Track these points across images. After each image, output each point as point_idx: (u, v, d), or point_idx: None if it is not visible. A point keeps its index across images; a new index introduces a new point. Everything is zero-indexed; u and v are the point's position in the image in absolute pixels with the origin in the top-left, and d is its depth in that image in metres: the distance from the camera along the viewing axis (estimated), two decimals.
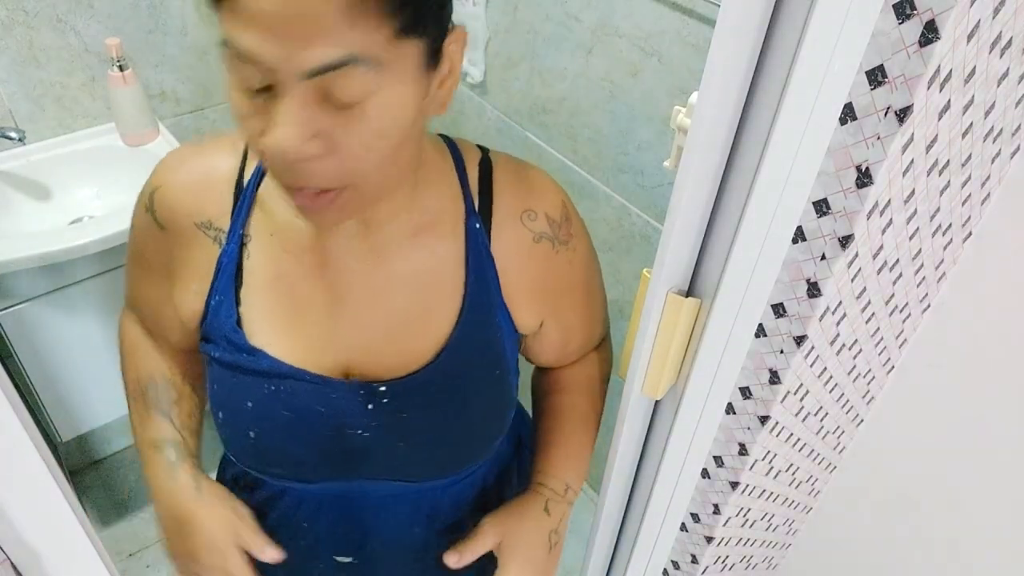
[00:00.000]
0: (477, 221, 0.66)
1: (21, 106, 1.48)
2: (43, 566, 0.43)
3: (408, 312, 0.66)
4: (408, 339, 0.67)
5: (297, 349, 0.66)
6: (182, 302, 0.68)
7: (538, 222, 0.68)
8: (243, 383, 0.66)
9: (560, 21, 1.32)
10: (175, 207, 0.66)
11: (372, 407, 0.66)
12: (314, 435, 0.67)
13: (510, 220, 0.67)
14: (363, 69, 0.47)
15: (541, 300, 0.71)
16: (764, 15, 0.50)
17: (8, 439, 0.38)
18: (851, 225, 0.61)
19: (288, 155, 0.49)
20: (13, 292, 1.36)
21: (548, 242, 0.69)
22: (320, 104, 0.48)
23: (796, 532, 1.20)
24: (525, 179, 0.69)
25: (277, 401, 0.66)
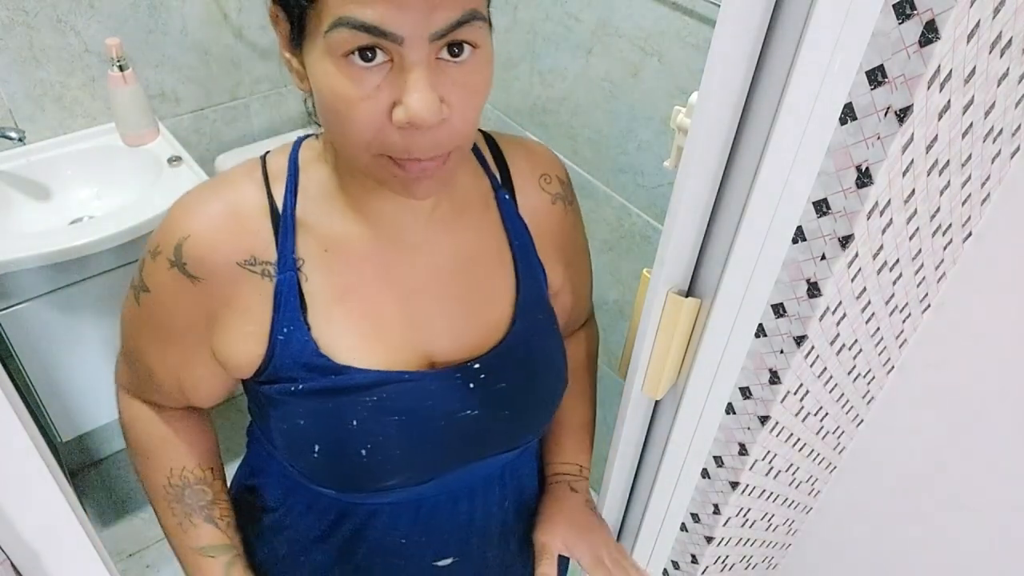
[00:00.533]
0: (505, 193, 0.71)
1: (21, 106, 1.48)
2: (43, 566, 0.43)
3: (471, 292, 0.69)
4: (481, 315, 0.70)
5: (381, 355, 0.65)
6: (235, 351, 0.65)
7: (553, 184, 0.74)
8: (342, 405, 0.64)
9: (560, 21, 1.32)
10: (210, 253, 0.61)
11: (473, 386, 0.68)
12: (429, 431, 0.67)
13: (529, 186, 0.73)
14: (478, 24, 0.51)
15: (563, 258, 0.76)
16: (764, 15, 0.50)
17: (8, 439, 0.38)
18: (851, 225, 0.61)
19: (427, 121, 0.50)
20: (13, 292, 1.36)
21: (562, 202, 0.75)
22: (437, 68, 0.51)
23: (796, 532, 1.20)
24: (531, 148, 0.75)
25: (382, 412, 0.64)
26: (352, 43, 0.49)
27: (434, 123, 0.51)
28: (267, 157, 0.66)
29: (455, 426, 0.68)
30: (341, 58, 0.50)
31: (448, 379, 0.67)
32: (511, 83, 1.50)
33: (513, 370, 0.70)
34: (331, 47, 0.50)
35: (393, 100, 0.51)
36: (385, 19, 0.47)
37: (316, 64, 0.52)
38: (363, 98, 0.51)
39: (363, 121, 0.52)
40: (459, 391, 0.67)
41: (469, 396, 0.68)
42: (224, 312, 0.63)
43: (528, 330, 0.71)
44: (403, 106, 0.50)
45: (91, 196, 1.55)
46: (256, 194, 0.63)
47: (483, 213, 0.70)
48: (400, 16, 0.47)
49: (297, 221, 0.63)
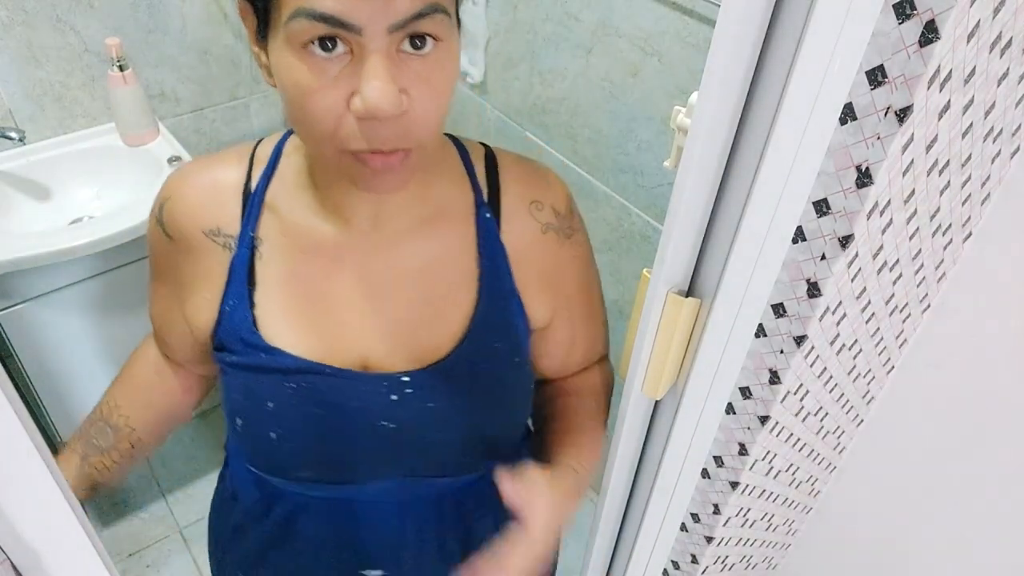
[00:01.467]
0: (487, 211, 0.68)
1: (21, 106, 1.49)
2: (43, 566, 0.43)
3: (424, 303, 0.67)
4: (425, 329, 0.67)
5: (315, 345, 0.66)
6: (194, 312, 0.69)
7: (545, 212, 0.70)
8: (263, 384, 0.66)
9: (560, 21, 1.32)
10: (183, 217, 0.67)
11: (396, 398, 0.66)
12: (340, 430, 0.67)
13: (518, 210, 0.69)
14: (439, 16, 0.51)
15: (551, 291, 0.72)
16: (764, 15, 0.50)
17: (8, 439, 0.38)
18: (851, 225, 0.61)
19: (386, 111, 0.50)
20: (13, 292, 1.36)
21: (555, 233, 0.71)
22: (398, 59, 0.51)
23: (796, 532, 1.20)
24: (531, 171, 0.71)
25: (299, 399, 0.66)
26: (311, 33, 0.49)
27: (393, 113, 0.50)
28: (261, 142, 0.69)
29: (371, 433, 0.67)
30: (301, 48, 0.50)
31: (372, 384, 0.66)
32: (511, 83, 1.50)
33: (446, 393, 0.67)
34: (291, 37, 0.50)
35: (352, 90, 0.51)
36: (343, 9, 0.47)
37: (278, 56, 0.52)
38: (323, 88, 0.51)
39: (323, 111, 0.52)
40: (380, 400, 0.66)
41: (390, 407, 0.66)
42: (191, 274, 0.68)
43: (477, 355, 0.68)
44: (361, 96, 0.50)
45: (91, 196, 1.55)
46: (237, 172, 0.67)
47: (457, 227, 0.67)
48: (358, 6, 0.47)
49: (265, 203, 0.66)
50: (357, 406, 0.66)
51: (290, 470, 0.70)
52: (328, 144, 0.55)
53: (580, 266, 0.75)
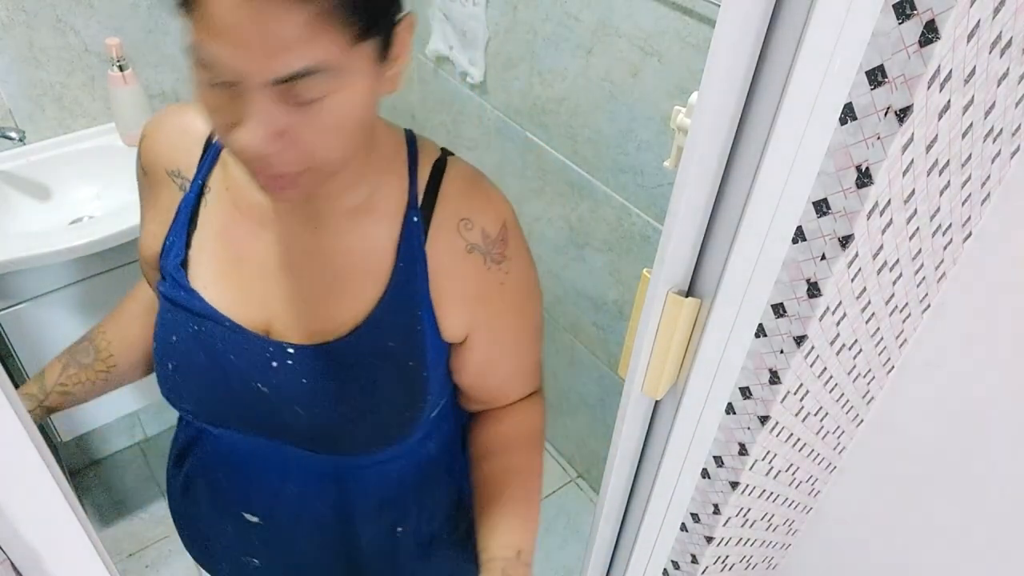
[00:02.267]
0: (416, 215, 0.68)
1: (21, 106, 1.49)
2: (43, 566, 0.43)
3: (332, 284, 0.69)
4: (328, 310, 0.70)
5: (227, 298, 0.71)
6: (149, 241, 0.76)
7: (473, 233, 0.69)
8: (175, 318, 0.72)
9: (560, 21, 1.32)
10: (153, 155, 0.73)
11: (276, 365, 0.69)
12: (220, 380, 0.71)
13: (447, 223, 0.69)
14: (324, 76, 0.51)
15: (468, 310, 0.72)
16: (764, 15, 0.50)
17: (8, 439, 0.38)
18: (851, 225, 0.61)
19: (254, 153, 0.53)
20: (13, 292, 1.37)
21: (480, 256, 0.70)
22: (283, 104, 0.52)
23: (796, 532, 1.20)
24: (473, 188, 0.70)
25: (196, 341, 0.71)
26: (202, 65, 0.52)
27: (261, 155, 0.53)
28: None
29: (248, 393, 0.71)
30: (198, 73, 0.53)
31: (259, 346, 0.70)
32: (511, 83, 1.50)
33: (323, 374, 0.69)
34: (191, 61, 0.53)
35: (231, 120, 0.53)
36: (225, 57, 0.49)
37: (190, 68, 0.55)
38: (214, 112, 0.54)
39: (215, 129, 0.56)
40: (262, 363, 0.70)
41: (268, 372, 0.70)
42: (154, 207, 0.75)
43: (364, 348, 0.69)
44: (233, 133, 0.53)
45: (91, 196, 1.55)
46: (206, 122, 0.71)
47: (383, 223, 0.69)
48: (239, 57, 0.49)
49: (220, 156, 0.71)
50: (241, 363, 0.70)
51: (179, 400, 0.74)
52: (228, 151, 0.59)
53: (507, 294, 0.73)
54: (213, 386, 0.72)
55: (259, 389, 0.70)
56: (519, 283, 0.74)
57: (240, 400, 0.72)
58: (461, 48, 1.57)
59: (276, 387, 0.70)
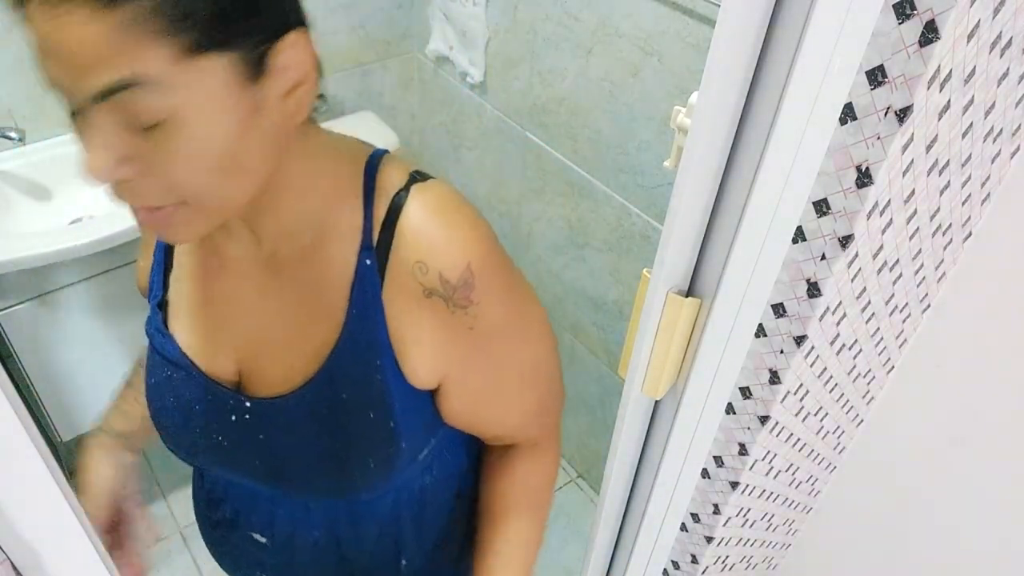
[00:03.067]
0: (369, 258, 0.61)
1: (21, 106, 1.49)
2: (43, 566, 0.43)
3: (288, 332, 0.65)
4: (286, 359, 0.66)
5: (199, 344, 0.68)
6: (140, 276, 0.75)
7: (429, 277, 0.61)
8: (153, 361, 0.71)
9: (560, 21, 1.32)
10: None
11: (235, 419, 0.67)
12: (188, 428, 0.70)
13: (403, 267, 0.61)
14: (145, 91, 0.45)
15: (435, 356, 0.65)
16: (764, 15, 0.50)
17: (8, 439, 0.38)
18: (851, 225, 0.61)
19: (97, 180, 0.48)
20: (13, 292, 1.37)
21: (441, 301, 0.62)
22: (125, 127, 0.47)
23: (796, 532, 1.20)
24: (431, 226, 0.61)
25: (168, 385, 0.70)
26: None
27: (103, 183, 0.49)
28: None
29: (212, 441, 0.69)
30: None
31: (221, 398, 0.67)
32: (511, 83, 1.50)
33: (278, 430, 0.66)
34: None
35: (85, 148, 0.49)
36: (50, 72, 0.45)
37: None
38: (77, 138, 0.50)
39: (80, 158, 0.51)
40: (222, 416, 0.67)
41: (227, 426, 0.67)
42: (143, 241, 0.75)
43: (317, 402, 0.65)
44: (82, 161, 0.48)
45: (91, 196, 1.55)
46: None
47: (335, 267, 0.62)
48: (58, 72, 0.45)
49: None
50: (203, 413, 0.68)
51: (164, 439, 0.74)
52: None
53: (480, 339, 0.64)
54: (181, 432, 0.71)
55: (219, 441, 0.69)
56: (494, 328, 0.65)
57: (206, 447, 0.70)
58: (461, 48, 1.57)
59: (234, 441, 0.68)
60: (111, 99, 0.45)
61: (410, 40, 1.73)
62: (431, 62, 1.70)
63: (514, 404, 0.74)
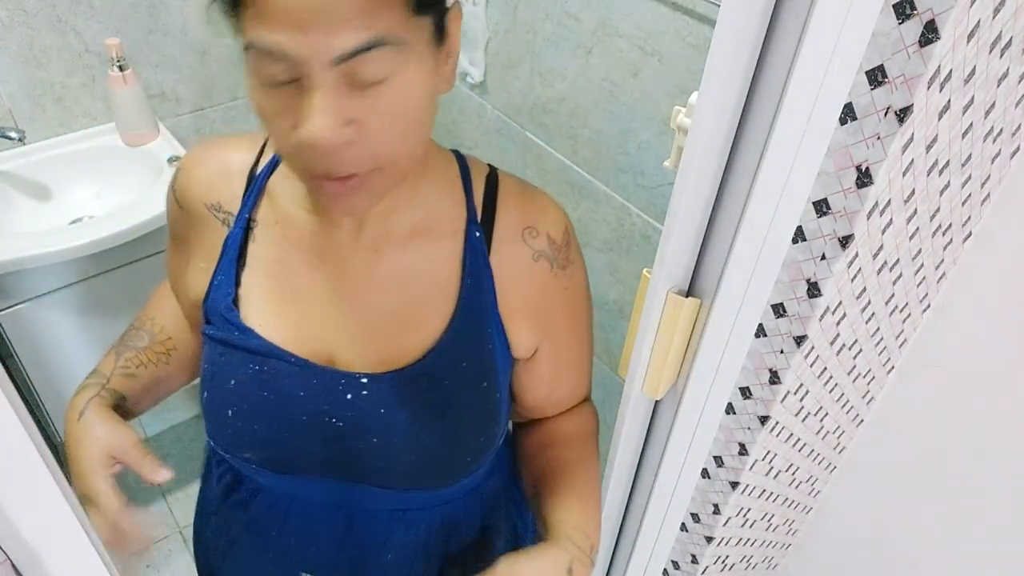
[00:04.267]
0: (478, 230, 0.67)
1: (21, 106, 1.49)
2: (43, 566, 0.43)
3: (399, 310, 0.67)
4: (396, 336, 0.67)
5: (287, 334, 0.68)
6: (192, 279, 0.73)
7: (539, 240, 0.68)
8: (231, 360, 0.68)
9: (560, 21, 1.32)
10: (191, 189, 0.71)
11: (351, 397, 0.66)
12: (290, 418, 0.68)
13: (511, 234, 0.68)
14: (388, 49, 0.50)
15: (537, 321, 0.71)
16: (764, 15, 0.50)
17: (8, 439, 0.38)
18: (851, 225, 0.61)
19: (326, 143, 0.51)
20: (13, 292, 1.36)
21: (547, 262, 0.69)
22: (348, 90, 0.51)
23: (796, 532, 1.20)
24: (531, 197, 0.70)
25: (259, 381, 0.67)
26: (262, 64, 0.50)
27: (331, 146, 0.51)
28: None
29: (318, 428, 0.67)
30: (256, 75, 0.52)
31: (331, 379, 0.67)
32: (511, 83, 1.50)
33: (400, 401, 0.67)
34: (248, 65, 0.52)
35: (293, 121, 0.52)
36: (286, 43, 0.48)
37: (245, 77, 0.54)
38: (275, 115, 0.53)
39: (278, 136, 0.54)
40: (335, 396, 0.67)
41: (342, 405, 0.67)
42: (195, 243, 0.72)
43: (439, 370, 0.67)
44: (302, 127, 0.51)
45: (91, 196, 1.55)
46: (247, 155, 0.70)
47: (445, 242, 0.67)
48: (301, 40, 0.48)
49: (266, 188, 0.69)
50: (312, 398, 0.67)
51: (239, 449, 0.71)
52: (291, 164, 0.57)
53: (571, 300, 0.73)
54: (280, 427, 0.68)
55: (332, 424, 0.67)
56: (580, 288, 0.73)
57: (311, 438, 0.68)
58: (461, 48, 1.57)
59: (351, 420, 0.67)
60: (357, 58, 0.49)
61: None
62: None
63: (587, 362, 0.79)
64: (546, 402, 0.79)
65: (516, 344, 0.70)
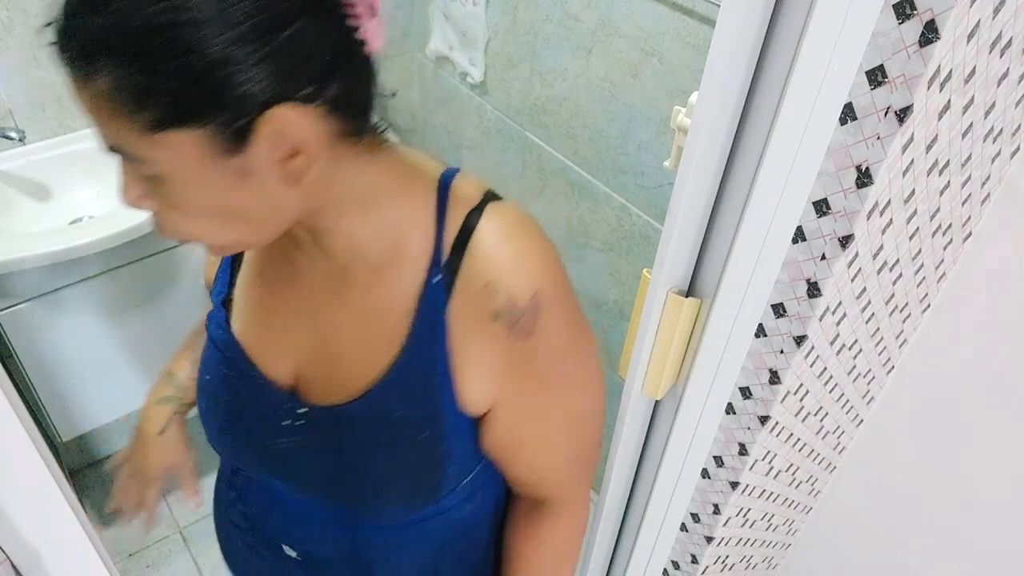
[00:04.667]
0: (438, 274, 0.61)
1: (21, 106, 1.48)
2: (43, 566, 0.43)
3: (352, 343, 0.65)
4: (345, 369, 0.66)
5: (259, 345, 0.69)
6: (208, 271, 0.76)
7: (498, 299, 0.59)
8: (210, 357, 0.71)
9: (560, 21, 1.32)
10: None
11: (288, 424, 0.67)
12: (241, 428, 0.70)
13: (472, 285, 0.60)
14: (130, 159, 0.50)
15: (491, 381, 0.64)
16: (764, 15, 0.50)
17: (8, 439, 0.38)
18: (851, 225, 0.61)
19: (128, 206, 0.54)
20: (13, 292, 1.36)
21: (505, 324, 0.60)
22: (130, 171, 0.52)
23: (796, 532, 1.20)
24: (506, 245, 0.60)
25: (224, 383, 0.70)
26: None
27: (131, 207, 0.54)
28: None
29: (262, 443, 0.69)
30: None
31: (276, 400, 0.67)
32: (511, 83, 1.50)
33: (331, 440, 0.66)
34: None
35: None
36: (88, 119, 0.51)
37: None
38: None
39: None
40: (275, 418, 0.67)
41: (280, 430, 0.67)
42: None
43: (371, 415, 0.64)
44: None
45: (91, 196, 1.55)
46: None
47: (403, 283, 0.62)
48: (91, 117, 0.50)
49: None
50: (259, 413, 0.68)
51: (210, 439, 0.74)
52: None
53: (536, 374, 0.63)
54: (234, 431, 0.70)
55: (272, 442, 0.68)
56: (552, 365, 0.63)
57: (258, 449, 0.69)
58: (461, 48, 1.57)
59: (286, 445, 0.68)
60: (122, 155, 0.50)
61: (410, 40, 1.73)
62: (431, 62, 1.70)
63: (554, 449, 0.70)
64: (504, 466, 0.72)
65: (466, 400, 0.64)
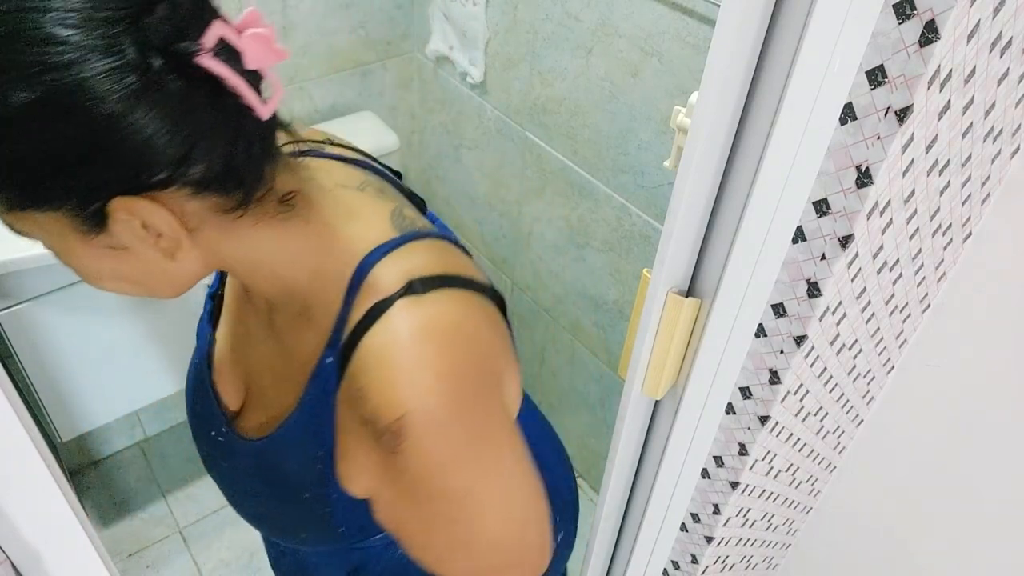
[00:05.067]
0: (332, 356, 0.58)
1: None
2: (43, 566, 0.44)
3: (269, 384, 0.69)
4: (263, 408, 0.70)
5: (221, 364, 0.74)
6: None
7: (366, 408, 0.55)
8: (192, 363, 0.77)
9: (560, 21, 1.32)
10: None
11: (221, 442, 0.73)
12: (199, 437, 0.76)
13: (352, 382, 0.57)
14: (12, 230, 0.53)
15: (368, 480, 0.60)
16: (764, 15, 0.50)
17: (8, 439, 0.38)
18: (851, 225, 0.61)
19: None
20: (13, 292, 1.36)
21: (371, 434, 0.56)
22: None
23: (796, 532, 1.20)
24: (389, 359, 0.55)
25: (191, 388, 0.77)
26: None
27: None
28: None
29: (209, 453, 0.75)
30: None
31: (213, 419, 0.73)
32: (511, 83, 1.50)
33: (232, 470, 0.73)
34: None
35: None
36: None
37: None
38: None
39: None
40: (212, 430, 0.73)
41: (212, 444, 0.74)
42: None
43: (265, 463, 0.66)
44: None
45: None
46: None
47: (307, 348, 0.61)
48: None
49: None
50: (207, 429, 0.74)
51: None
52: None
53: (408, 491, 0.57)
54: (196, 439, 0.77)
55: (212, 458, 0.75)
56: (430, 483, 0.56)
57: (207, 462, 0.77)
58: (461, 48, 1.57)
59: (215, 459, 0.75)
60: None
61: (410, 40, 1.73)
62: (431, 62, 1.70)
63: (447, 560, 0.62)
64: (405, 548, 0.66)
65: (346, 482, 0.61)
